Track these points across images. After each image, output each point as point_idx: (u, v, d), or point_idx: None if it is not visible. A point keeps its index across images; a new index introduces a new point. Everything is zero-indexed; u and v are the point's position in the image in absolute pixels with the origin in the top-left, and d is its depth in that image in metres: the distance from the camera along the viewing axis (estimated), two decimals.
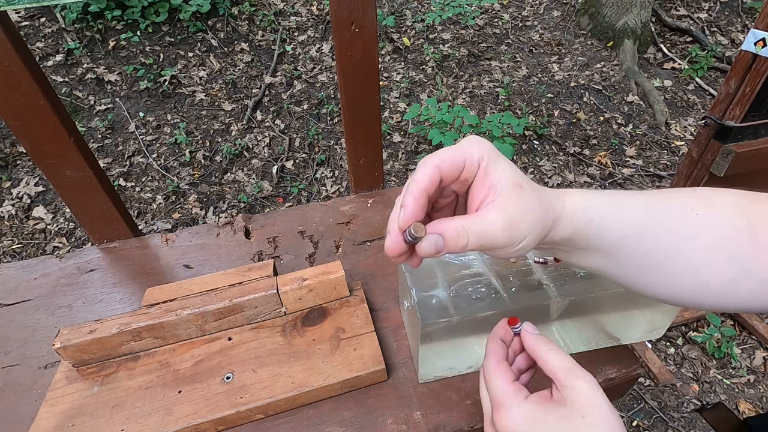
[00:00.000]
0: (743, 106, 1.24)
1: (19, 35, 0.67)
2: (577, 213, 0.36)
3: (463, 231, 0.32)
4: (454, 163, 0.33)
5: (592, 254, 0.38)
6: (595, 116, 3.08)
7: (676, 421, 1.60)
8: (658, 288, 0.39)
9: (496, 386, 0.37)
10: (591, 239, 0.36)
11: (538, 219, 0.34)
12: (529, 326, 0.41)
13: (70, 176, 0.79)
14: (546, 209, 0.34)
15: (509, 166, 0.34)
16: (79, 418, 0.56)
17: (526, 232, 0.33)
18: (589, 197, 0.37)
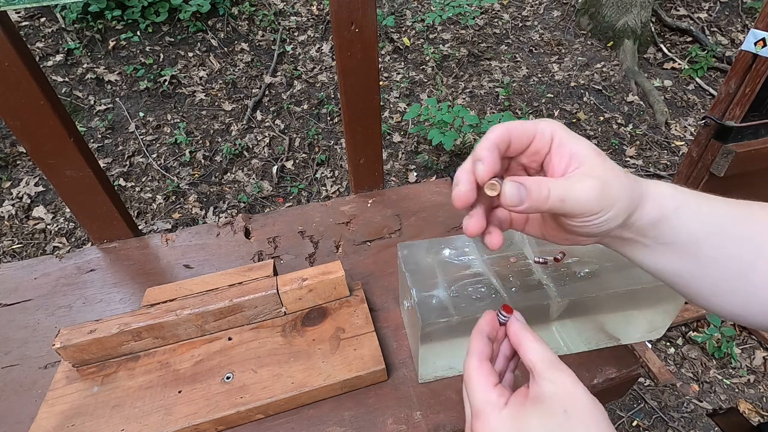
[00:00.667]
0: (743, 106, 1.24)
1: (19, 35, 0.67)
2: (665, 197, 0.34)
3: (544, 183, 0.31)
4: (524, 130, 0.33)
5: (673, 252, 0.35)
6: (595, 116, 3.08)
7: (676, 421, 1.60)
8: (735, 302, 0.35)
9: (476, 394, 0.34)
10: (675, 231, 0.34)
11: (626, 187, 0.32)
12: (517, 315, 0.38)
13: (70, 176, 0.79)
14: (632, 180, 0.33)
15: (584, 140, 0.34)
16: (79, 418, 0.56)
17: (616, 197, 0.32)
18: (675, 187, 0.35)
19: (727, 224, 0.34)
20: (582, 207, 0.31)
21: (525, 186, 0.31)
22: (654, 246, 0.35)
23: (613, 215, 0.32)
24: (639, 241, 0.36)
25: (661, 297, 0.59)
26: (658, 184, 0.35)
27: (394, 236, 0.89)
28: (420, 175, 2.71)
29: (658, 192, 0.34)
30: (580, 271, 0.58)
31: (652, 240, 0.35)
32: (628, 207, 0.32)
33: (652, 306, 0.61)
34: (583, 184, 0.31)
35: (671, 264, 0.36)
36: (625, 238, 0.36)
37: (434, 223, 0.92)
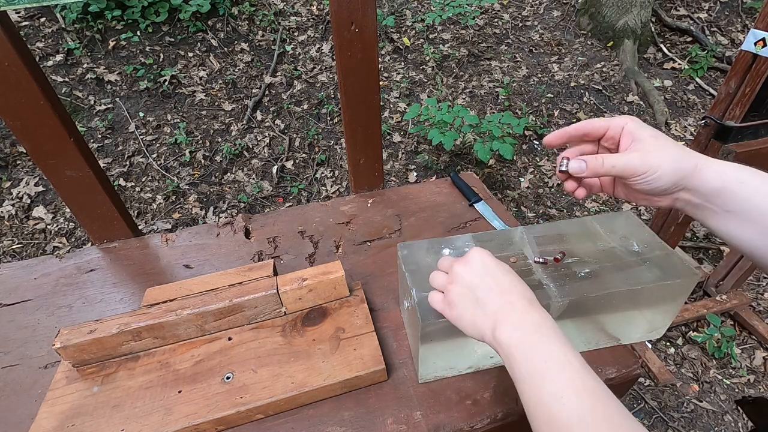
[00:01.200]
0: (743, 106, 1.24)
1: (19, 35, 0.67)
2: (726, 171, 0.42)
3: (600, 158, 0.45)
4: (600, 123, 0.48)
5: (742, 221, 0.41)
6: (595, 116, 3.08)
7: (676, 421, 1.60)
8: None
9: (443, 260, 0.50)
10: (741, 200, 0.41)
11: (671, 156, 0.43)
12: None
13: (70, 176, 0.79)
14: (685, 153, 0.43)
15: (650, 127, 0.45)
16: (79, 418, 0.56)
17: (658, 162, 0.43)
18: (740, 165, 0.42)
19: None
20: (628, 170, 0.44)
21: (585, 161, 0.47)
22: (722, 213, 0.42)
23: (659, 176, 0.43)
24: (708, 207, 0.43)
25: (661, 297, 0.59)
26: (723, 163, 0.43)
27: (394, 236, 0.89)
28: (420, 175, 2.70)
29: (720, 165, 0.42)
30: (580, 271, 0.59)
31: (719, 207, 0.42)
32: (673, 172, 0.43)
33: (652, 306, 0.61)
34: (628, 155, 0.44)
35: (739, 231, 0.42)
36: (695, 204, 0.44)
37: (434, 223, 0.92)
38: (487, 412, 0.58)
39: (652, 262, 0.60)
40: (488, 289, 0.44)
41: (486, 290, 0.44)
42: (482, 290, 0.44)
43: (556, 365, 0.36)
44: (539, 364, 0.37)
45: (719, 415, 1.61)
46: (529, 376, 0.37)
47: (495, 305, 0.42)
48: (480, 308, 0.43)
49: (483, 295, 0.43)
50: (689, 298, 1.90)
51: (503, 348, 0.40)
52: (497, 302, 0.42)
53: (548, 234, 0.65)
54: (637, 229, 0.66)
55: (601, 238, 0.65)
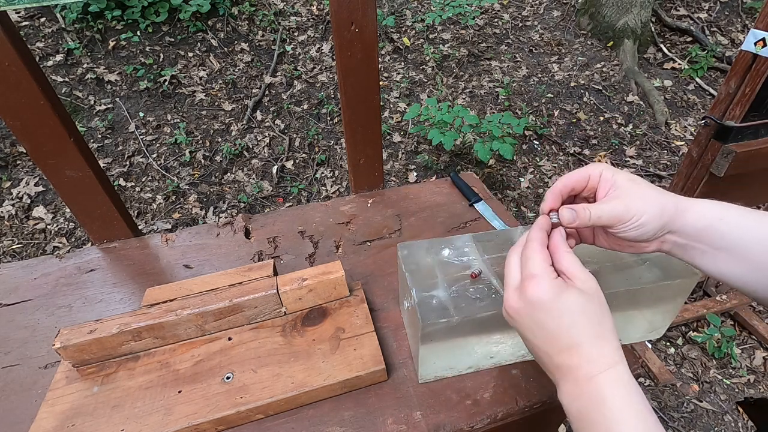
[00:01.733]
0: (743, 106, 1.24)
1: (19, 35, 0.67)
2: (706, 210, 0.43)
3: (586, 208, 0.44)
4: (581, 176, 0.47)
5: (728, 257, 0.42)
6: (595, 116, 3.08)
7: (676, 421, 1.60)
8: None
9: (536, 261, 0.42)
10: (725, 237, 0.41)
11: (654, 200, 0.43)
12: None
13: (70, 176, 0.79)
14: (665, 197, 0.43)
15: (625, 173, 0.46)
16: (79, 418, 0.56)
17: (641, 208, 0.42)
18: (714, 202, 0.43)
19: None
20: (613, 219, 0.43)
21: (575, 210, 0.45)
22: (709, 251, 0.43)
23: (644, 222, 0.42)
24: (695, 246, 0.44)
25: (661, 297, 0.59)
26: (702, 202, 0.43)
27: (394, 236, 0.89)
28: (420, 175, 2.71)
29: (700, 205, 0.43)
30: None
31: (706, 246, 0.43)
32: (657, 216, 0.42)
33: (652, 306, 0.61)
34: (611, 204, 0.44)
35: (728, 267, 0.42)
36: (682, 245, 0.44)
37: (434, 223, 0.92)
38: (487, 412, 0.58)
39: (652, 262, 0.60)
40: (549, 340, 0.40)
41: (546, 341, 0.40)
42: (542, 341, 0.41)
43: None
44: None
45: (719, 415, 1.61)
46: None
47: (554, 362, 0.40)
48: (541, 354, 0.42)
49: (542, 347, 0.41)
50: (689, 298, 1.90)
51: (565, 406, 0.40)
52: (556, 361, 0.40)
53: None
54: None
55: None
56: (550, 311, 0.40)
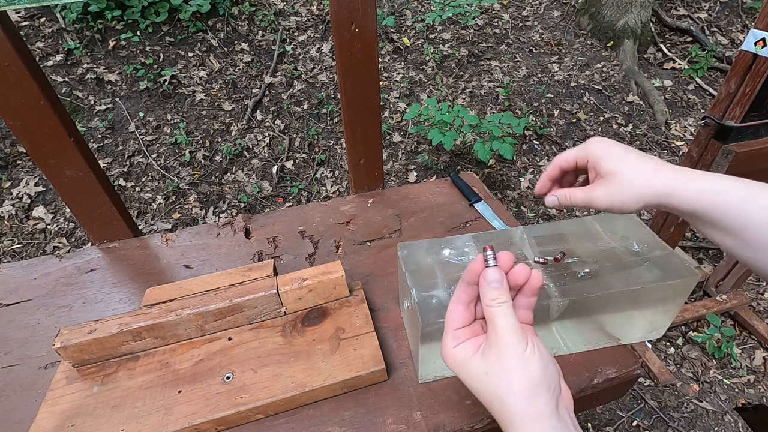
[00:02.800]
0: (743, 106, 1.24)
1: (19, 35, 0.67)
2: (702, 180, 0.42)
3: (568, 194, 0.50)
4: (569, 156, 0.52)
5: (722, 233, 0.42)
6: (595, 116, 3.08)
7: (676, 421, 1.60)
8: None
9: (447, 323, 0.42)
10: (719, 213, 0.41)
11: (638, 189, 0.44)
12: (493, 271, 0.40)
13: (70, 176, 0.79)
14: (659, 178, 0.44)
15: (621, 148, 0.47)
16: (79, 418, 0.56)
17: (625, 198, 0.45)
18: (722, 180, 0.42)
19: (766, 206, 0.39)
20: (596, 206, 0.48)
21: (557, 196, 0.52)
22: (708, 224, 0.43)
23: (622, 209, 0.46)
24: (688, 217, 0.44)
25: (661, 297, 0.59)
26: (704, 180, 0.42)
27: (394, 236, 0.89)
28: (420, 175, 2.70)
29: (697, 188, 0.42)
30: (580, 271, 0.59)
31: (699, 220, 0.43)
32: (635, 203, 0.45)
33: (652, 306, 0.61)
34: (596, 192, 0.47)
35: (724, 242, 0.43)
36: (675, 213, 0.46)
37: (434, 223, 0.92)
38: (487, 412, 0.58)
39: (652, 262, 0.60)
40: (489, 397, 0.38)
41: (487, 396, 0.38)
42: (483, 395, 0.39)
43: None
44: None
45: (719, 415, 1.61)
46: None
47: (496, 414, 0.38)
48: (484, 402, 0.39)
49: (484, 399, 0.39)
50: (689, 298, 1.90)
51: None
52: (496, 411, 0.38)
53: (548, 234, 0.66)
54: (637, 229, 0.66)
55: (601, 238, 0.65)
56: (459, 374, 0.40)
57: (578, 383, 0.61)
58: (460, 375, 0.40)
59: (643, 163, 0.46)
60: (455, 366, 0.40)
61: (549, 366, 0.37)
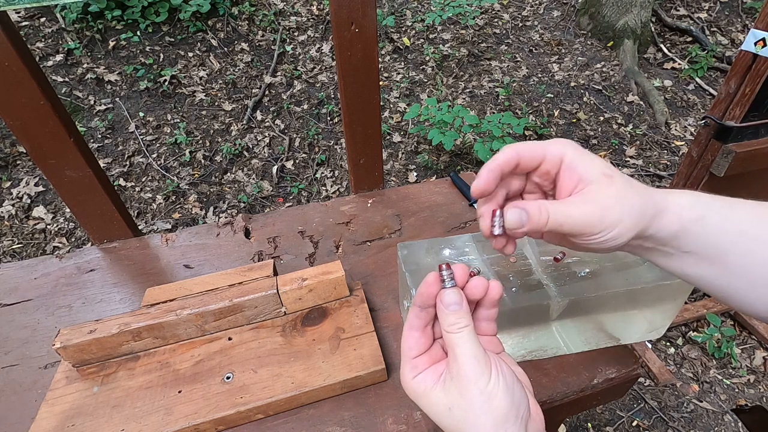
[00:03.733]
0: (743, 106, 1.24)
1: (19, 35, 0.67)
2: (684, 208, 0.35)
3: (544, 208, 0.34)
4: (533, 151, 0.36)
5: (699, 261, 0.35)
6: (595, 116, 3.08)
7: (676, 421, 1.60)
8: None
9: (403, 350, 0.38)
10: (699, 240, 0.35)
11: (633, 207, 0.34)
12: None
13: (70, 176, 0.79)
14: (644, 199, 0.34)
15: (596, 159, 0.35)
16: (79, 418, 0.56)
17: (618, 217, 0.33)
18: (696, 195, 0.36)
19: (753, 230, 0.34)
20: (580, 229, 0.34)
21: (527, 211, 0.35)
22: (678, 254, 0.36)
23: (616, 235, 0.34)
24: (661, 250, 0.37)
25: (661, 297, 0.59)
26: (679, 195, 0.35)
27: (394, 236, 0.89)
28: (420, 175, 2.70)
29: (677, 204, 0.35)
30: (580, 271, 0.59)
31: (675, 249, 0.36)
32: (634, 226, 0.34)
33: (652, 306, 0.61)
34: (582, 209, 0.34)
35: (699, 271, 0.36)
36: (647, 247, 0.37)
37: (434, 223, 0.92)
38: None
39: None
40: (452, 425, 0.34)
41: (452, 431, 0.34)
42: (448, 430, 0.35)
43: None
44: None
45: (719, 415, 1.61)
46: None
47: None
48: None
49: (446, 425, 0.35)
50: (689, 298, 1.90)
51: None
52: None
53: None
54: None
55: None
56: (421, 406, 0.36)
57: (578, 383, 0.61)
58: (422, 407, 0.36)
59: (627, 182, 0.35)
60: (416, 398, 0.36)
61: (516, 394, 0.34)
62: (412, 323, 0.38)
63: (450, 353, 0.35)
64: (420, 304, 0.37)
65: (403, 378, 0.37)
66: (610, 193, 0.34)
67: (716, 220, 0.34)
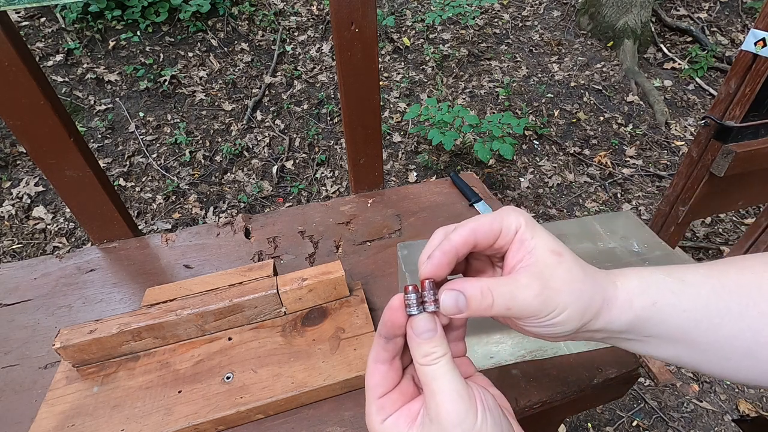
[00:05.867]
0: (743, 106, 1.24)
1: (19, 35, 0.67)
2: (635, 295, 0.32)
3: (488, 291, 0.30)
4: (491, 229, 0.32)
5: (662, 343, 0.33)
6: (595, 116, 3.08)
7: (676, 421, 1.60)
8: (751, 376, 0.32)
9: (367, 391, 0.33)
10: (657, 326, 0.32)
11: (581, 293, 0.31)
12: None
13: (70, 176, 0.79)
14: (592, 285, 0.31)
15: (547, 235, 0.32)
16: (79, 418, 0.56)
17: (565, 302, 0.30)
18: (646, 276, 0.33)
19: (716, 304, 0.31)
20: (524, 310, 0.30)
21: (465, 295, 0.30)
22: (642, 339, 0.33)
23: (564, 320, 0.31)
24: (619, 337, 0.33)
25: None
26: (627, 279, 0.32)
27: (394, 236, 0.89)
28: (420, 175, 2.71)
29: (626, 290, 0.32)
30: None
31: (634, 335, 0.33)
32: (582, 313, 0.31)
33: None
34: (526, 289, 0.30)
35: (667, 352, 0.33)
36: (602, 337, 0.34)
37: (434, 223, 0.92)
38: None
39: (652, 262, 0.60)
40: None
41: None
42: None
43: None
44: None
45: (719, 415, 1.61)
46: None
47: None
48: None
49: None
50: None
51: None
52: None
53: None
54: (637, 229, 0.66)
55: (601, 238, 0.65)
56: None
57: (578, 383, 0.61)
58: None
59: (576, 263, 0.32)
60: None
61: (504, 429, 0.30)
62: (378, 356, 0.32)
63: (426, 389, 0.30)
64: (385, 335, 0.32)
65: (370, 421, 0.32)
66: (557, 275, 0.31)
67: (672, 300, 0.31)
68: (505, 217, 0.32)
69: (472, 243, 0.32)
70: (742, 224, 2.39)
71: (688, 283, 0.32)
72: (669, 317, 0.31)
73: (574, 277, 0.31)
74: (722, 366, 0.32)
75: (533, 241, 0.32)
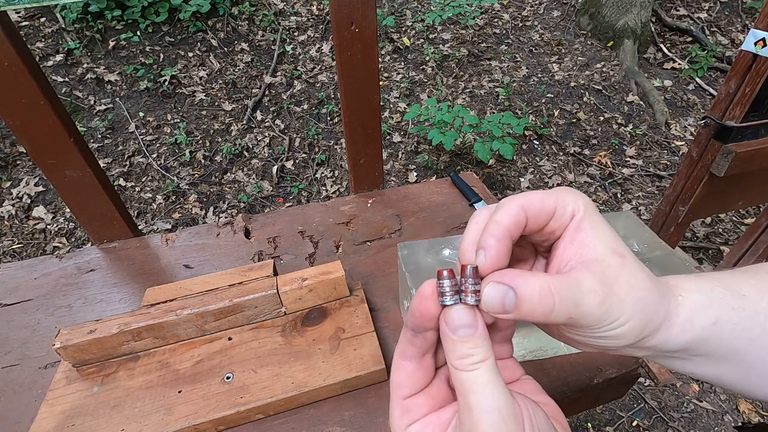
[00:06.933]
0: (743, 106, 1.24)
1: (19, 35, 0.67)
2: (697, 312, 0.27)
3: (549, 292, 0.24)
4: (544, 207, 0.26)
5: (708, 362, 0.29)
6: (595, 116, 3.08)
7: (676, 421, 1.60)
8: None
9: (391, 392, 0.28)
10: (713, 345, 0.28)
11: (646, 304, 0.26)
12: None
13: (70, 176, 0.79)
14: (658, 296, 0.26)
15: (609, 229, 0.27)
16: (79, 418, 0.56)
17: (628, 314, 0.25)
18: (706, 290, 0.28)
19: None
20: (586, 322, 0.25)
21: (516, 293, 0.24)
22: (689, 358, 0.29)
23: (623, 333, 0.26)
24: (675, 356, 0.29)
25: None
26: (689, 293, 0.28)
27: (394, 236, 0.89)
28: (420, 175, 2.71)
29: (689, 307, 0.27)
30: None
31: (686, 354, 0.29)
32: (643, 327, 0.26)
33: None
34: (591, 298, 0.24)
35: (710, 372, 0.30)
36: (655, 356, 0.30)
37: (434, 223, 0.92)
38: None
39: (652, 262, 0.60)
40: None
41: None
42: None
43: None
44: None
45: (719, 415, 1.61)
46: None
47: None
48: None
49: None
50: None
51: None
52: None
53: None
54: (638, 229, 0.66)
55: None
56: None
57: (578, 383, 0.61)
58: None
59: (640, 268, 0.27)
60: None
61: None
62: (404, 351, 0.27)
63: (461, 400, 0.24)
64: (413, 327, 0.26)
65: (393, 423, 0.27)
66: (621, 280, 0.25)
67: (734, 319, 0.27)
68: (561, 196, 0.27)
69: (523, 222, 0.26)
70: (742, 224, 2.39)
71: (747, 298, 0.28)
72: (727, 336, 0.27)
73: (639, 284, 0.26)
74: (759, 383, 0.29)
75: (592, 233, 0.26)
